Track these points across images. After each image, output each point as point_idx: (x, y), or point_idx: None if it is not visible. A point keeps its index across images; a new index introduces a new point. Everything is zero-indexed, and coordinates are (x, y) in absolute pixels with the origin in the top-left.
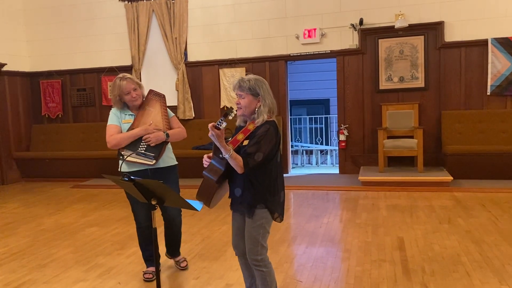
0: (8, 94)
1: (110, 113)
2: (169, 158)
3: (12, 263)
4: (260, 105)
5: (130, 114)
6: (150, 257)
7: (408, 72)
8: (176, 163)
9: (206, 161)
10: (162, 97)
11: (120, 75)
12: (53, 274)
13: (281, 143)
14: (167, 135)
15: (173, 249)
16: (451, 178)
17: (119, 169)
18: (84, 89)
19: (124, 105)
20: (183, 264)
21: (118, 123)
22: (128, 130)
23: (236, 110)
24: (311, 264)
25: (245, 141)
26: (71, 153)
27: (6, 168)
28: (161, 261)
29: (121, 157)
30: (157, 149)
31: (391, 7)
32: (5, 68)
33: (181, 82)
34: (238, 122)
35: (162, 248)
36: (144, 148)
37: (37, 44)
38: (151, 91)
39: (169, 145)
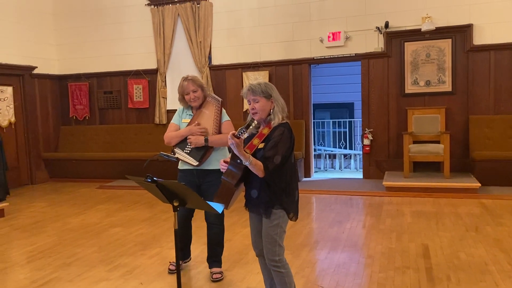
0: (38, 96)
1: (176, 111)
2: (216, 161)
3: (39, 261)
4: (274, 106)
5: (190, 114)
6: (181, 250)
7: (434, 76)
8: None
9: (223, 166)
10: (218, 101)
11: (185, 75)
12: (78, 273)
13: (304, 145)
14: (206, 140)
15: (209, 256)
16: (479, 184)
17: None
18: (110, 91)
19: (188, 104)
20: (215, 276)
21: (178, 122)
22: None
23: (256, 121)
24: (333, 270)
25: (260, 144)
26: (97, 154)
27: (35, 168)
28: (190, 263)
29: (172, 153)
30: (201, 152)
31: (417, 9)
32: (35, 71)
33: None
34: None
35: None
36: (190, 149)
37: (66, 48)
38: (210, 95)
39: (220, 149)
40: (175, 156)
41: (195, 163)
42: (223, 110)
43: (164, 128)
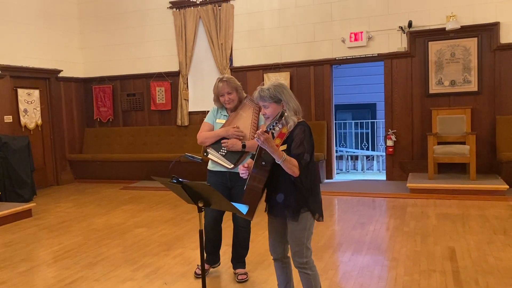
0: (63, 99)
1: (210, 110)
2: None
3: (66, 260)
4: (286, 110)
5: (225, 115)
6: (209, 255)
7: (460, 76)
8: None
9: (243, 170)
10: (256, 105)
11: (221, 76)
12: (103, 272)
13: (325, 147)
14: (244, 146)
15: (234, 258)
16: (507, 186)
17: (207, 168)
18: (133, 94)
19: (223, 105)
20: (240, 277)
21: (212, 121)
22: None
23: (287, 113)
24: (356, 272)
25: (282, 146)
26: (121, 155)
27: (60, 170)
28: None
29: (205, 153)
30: (237, 155)
31: (442, 8)
32: (61, 74)
33: None
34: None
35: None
36: (225, 151)
37: (90, 51)
38: (247, 96)
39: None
40: (208, 156)
41: (230, 165)
42: (261, 115)
43: (186, 130)
